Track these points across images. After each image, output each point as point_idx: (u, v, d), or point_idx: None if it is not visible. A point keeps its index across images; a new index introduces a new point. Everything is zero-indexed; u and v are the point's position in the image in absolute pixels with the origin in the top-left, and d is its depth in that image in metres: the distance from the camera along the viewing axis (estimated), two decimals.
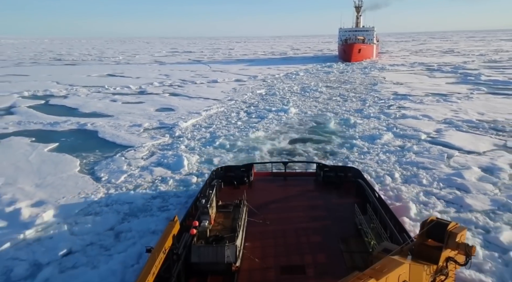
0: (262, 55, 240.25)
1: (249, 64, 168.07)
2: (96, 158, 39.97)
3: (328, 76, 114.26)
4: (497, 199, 27.68)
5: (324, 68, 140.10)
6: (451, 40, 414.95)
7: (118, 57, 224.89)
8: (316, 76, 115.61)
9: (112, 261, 20.88)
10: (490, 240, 22.43)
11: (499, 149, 39.98)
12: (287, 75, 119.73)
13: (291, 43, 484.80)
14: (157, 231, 24.00)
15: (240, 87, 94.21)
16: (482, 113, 56.84)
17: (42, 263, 21.01)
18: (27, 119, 58.64)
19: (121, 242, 23.10)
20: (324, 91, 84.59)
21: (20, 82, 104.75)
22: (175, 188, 31.28)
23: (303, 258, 18.53)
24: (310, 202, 25.42)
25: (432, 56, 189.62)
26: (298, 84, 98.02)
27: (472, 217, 25.14)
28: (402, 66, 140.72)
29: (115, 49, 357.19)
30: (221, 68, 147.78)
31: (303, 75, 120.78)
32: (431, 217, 13.61)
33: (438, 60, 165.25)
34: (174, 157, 38.39)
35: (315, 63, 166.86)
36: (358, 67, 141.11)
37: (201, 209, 18.85)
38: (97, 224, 25.21)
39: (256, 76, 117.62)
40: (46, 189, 31.21)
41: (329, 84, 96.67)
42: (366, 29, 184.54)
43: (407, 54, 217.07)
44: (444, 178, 31.92)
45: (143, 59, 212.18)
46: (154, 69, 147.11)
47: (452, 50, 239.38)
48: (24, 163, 38.03)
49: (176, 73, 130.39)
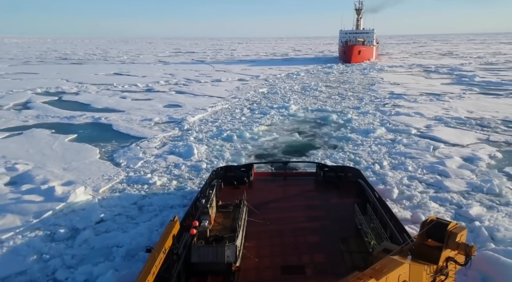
0: (264, 56, 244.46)
1: (251, 65, 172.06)
2: (114, 147, 43.84)
3: (328, 77, 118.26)
4: (472, 182, 31.44)
5: (325, 69, 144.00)
6: (452, 43, 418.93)
7: (122, 57, 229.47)
8: (316, 77, 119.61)
9: (139, 227, 24.71)
10: (461, 213, 26.23)
11: (482, 142, 43.74)
12: (288, 75, 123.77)
13: (292, 44, 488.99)
14: (175, 206, 27.87)
15: (243, 86, 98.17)
16: (471, 111, 60.60)
17: (79, 228, 24.85)
18: (44, 113, 62.58)
19: (144, 213, 26.93)
20: (324, 90, 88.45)
21: (31, 80, 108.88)
22: (188, 172, 35.10)
23: (303, 258, 18.59)
24: (310, 202, 25.45)
25: (431, 58, 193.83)
26: (299, 83, 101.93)
27: (448, 196, 28.91)
28: (400, 68, 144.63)
29: (119, 49, 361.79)
30: (224, 68, 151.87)
31: (303, 75, 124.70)
32: (431, 217, 13.51)
33: (436, 62, 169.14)
34: (184, 147, 42.24)
35: (315, 64, 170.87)
36: (357, 68, 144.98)
37: (201, 209, 18.95)
38: (122, 199, 29.04)
39: (258, 76, 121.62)
40: (73, 172, 35.09)
41: (328, 84, 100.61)
42: (366, 31, 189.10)
43: (406, 56, 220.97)
44: (427, 166, 35.70)
45: (147, 59, 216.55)
46: (159, 69, 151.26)
47: (451, 52, 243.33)
48: (49, 151, 41.91)
49: (180, 72, 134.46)
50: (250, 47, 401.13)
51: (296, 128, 52.32)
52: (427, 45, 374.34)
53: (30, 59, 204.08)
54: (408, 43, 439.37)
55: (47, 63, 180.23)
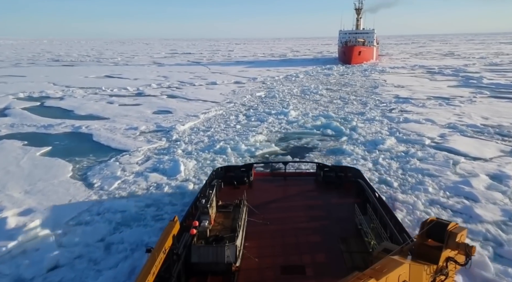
0: (261, 57, 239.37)
1: (249, 66, 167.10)
2: (90, 162, 38.66)
3: (328, 79, 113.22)
4: (508, 209, 26.44)
5: (324, 71, 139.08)
6: (451, 43, 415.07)
7: (116, 58, 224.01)
8: (316, 79, 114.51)
9: (101, 277, 19.57)
10: (503, 254, 21.22)
11: (506, 156, 38.80)
12: (286, 78, 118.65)
13: (290, 45, 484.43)
14: (150, 243, 22.67)
15: (239, 89, 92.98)
16: (486, 118, 55.68)
17: (26, 278, 19.70)
18: (21, 121, 57.30)
19: (112, 255, 21.78)
20: (325, 93, 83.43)
21: (17, 83, 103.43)
22: (170, 196, 29.96)
23: (303, 258, 18.48)
24: (310, 202, 25.36)
25: (433, 59, 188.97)
26: (298, 86, 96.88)
27: (483, 228, 23.89)
28: (403, 69, 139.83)
29: (114, 50, 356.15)
30: (220, 70, 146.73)
31: (302, 77, 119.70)
32: (431, 217, 13.53)
33: (438, 62, 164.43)
34: (170, 162, 37.10)
35: (315, 65, 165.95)
36: (358, 69, 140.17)
37: (201, 209, 18.83)
38: (87, 235, 23.86)
39: (255, 78, 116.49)
40: (36, 196, 29.87)
41: (329, 86, 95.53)
42: (366, 32, 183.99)
43: (407, 56, 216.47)
44: (450, 186, 30.67)
45: (142, 60, 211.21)
46: (153, 71, 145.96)
47: (452, 52, 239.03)
48: (14, 168, 36.70)
49: (174, 74, 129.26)
50: (248, 48, 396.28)
51: (296, 139, 47.23)
52: (426, 46, 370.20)
53: (21, 61, 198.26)
54: (407, 44, 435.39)
55: (37, 65, 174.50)
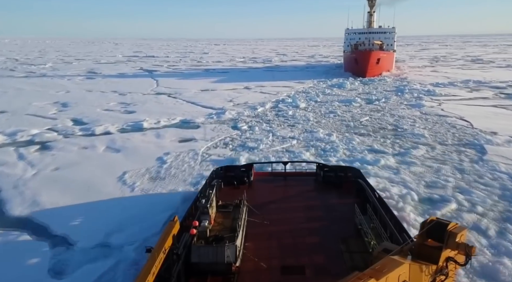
0: (240, 63, 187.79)
1: (220, 79, 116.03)
2: None
3: (352, 113, 62.46)
4: None
5: (334, 91, 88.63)
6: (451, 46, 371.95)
7: (45, 65, 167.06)
8: (330, 112, 63.34)
9: None
10: None
11: None
12: (276, 109, 67.27)
13: (274, 46, 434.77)
14: None
15: (171, 160, 40.39)
16: None
17: None
18: None
19: None
20: (371, 160, 33.45)
21: None
22: None
23: (303, 258, 18.38)
24: (310, 202, 25.34)
25: (469, 69, 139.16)
26: (304, 139, 45.80)
27: None
28: (453, 88, 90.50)
29: (66, 51, 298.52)
30: (170, 89, 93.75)
31: (305, 106, 69.15)
32: (431, 217, 13.40)
33: (486, 74, 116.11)
34: None
35: (313, 77, 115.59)
36: (384, 87, 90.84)
37: (201, 209, 19.04)
38: None
39: (221, 110, 64.87)
40: None
41: (368, 139, 44.78)
42: (384, 31, 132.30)
43: (426, 63, 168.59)
44: None
45: (76, 68, 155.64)
46: (59, 91, 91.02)
47: (479, 58, 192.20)
48: None
49: (79, 104, 74.51)
50: (227, 50, 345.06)
51: None
52: (428, 48, 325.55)
53: None
54: (407, 45, 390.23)
55: None
